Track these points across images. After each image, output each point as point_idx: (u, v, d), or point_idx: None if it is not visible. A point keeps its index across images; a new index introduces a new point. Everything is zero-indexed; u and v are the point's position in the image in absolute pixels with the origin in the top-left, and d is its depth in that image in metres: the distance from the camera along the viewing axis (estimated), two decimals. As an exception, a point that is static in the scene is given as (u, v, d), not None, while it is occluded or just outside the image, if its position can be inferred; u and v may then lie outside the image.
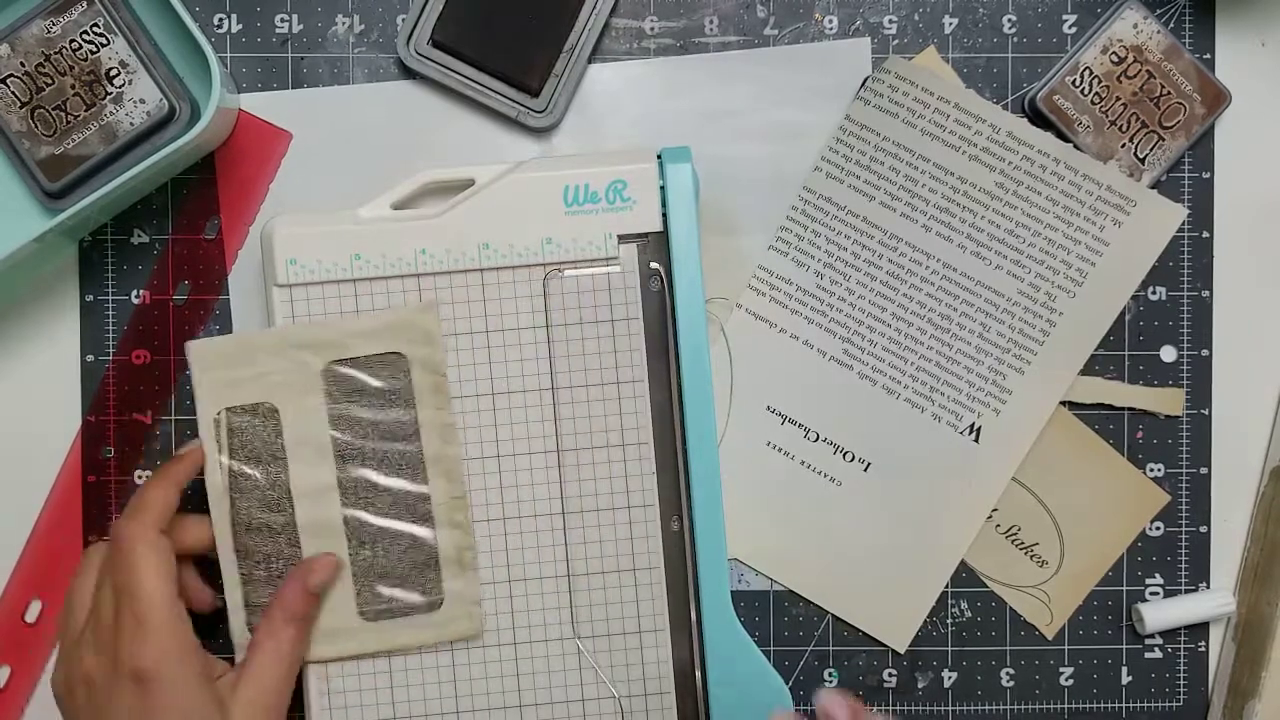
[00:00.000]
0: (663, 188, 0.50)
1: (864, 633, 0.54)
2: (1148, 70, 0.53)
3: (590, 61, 0.53)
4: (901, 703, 0.54)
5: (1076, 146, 0.53)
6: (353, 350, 0.48)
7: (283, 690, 0.47)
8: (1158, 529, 0.55)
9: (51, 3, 0.49)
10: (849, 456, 0.54)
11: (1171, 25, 0.54)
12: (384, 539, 0.49)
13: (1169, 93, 0.53)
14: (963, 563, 0.54)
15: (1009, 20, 0.54)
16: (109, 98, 0.50)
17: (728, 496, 0.52)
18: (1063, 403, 0.54)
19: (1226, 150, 0.54)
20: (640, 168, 0.50)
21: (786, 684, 0.52)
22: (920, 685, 0.54)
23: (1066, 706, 0.54)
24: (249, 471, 0.48)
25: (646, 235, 0.50)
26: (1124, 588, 0.55)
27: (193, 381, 0.48)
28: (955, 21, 0.54)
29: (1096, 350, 0.53)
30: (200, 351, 0.48)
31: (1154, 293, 0.54)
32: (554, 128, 0.54)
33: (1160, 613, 0.53)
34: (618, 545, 0.50)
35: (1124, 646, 0.55)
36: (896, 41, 0.54)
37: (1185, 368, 0.54)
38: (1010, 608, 0.54)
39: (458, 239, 0.50)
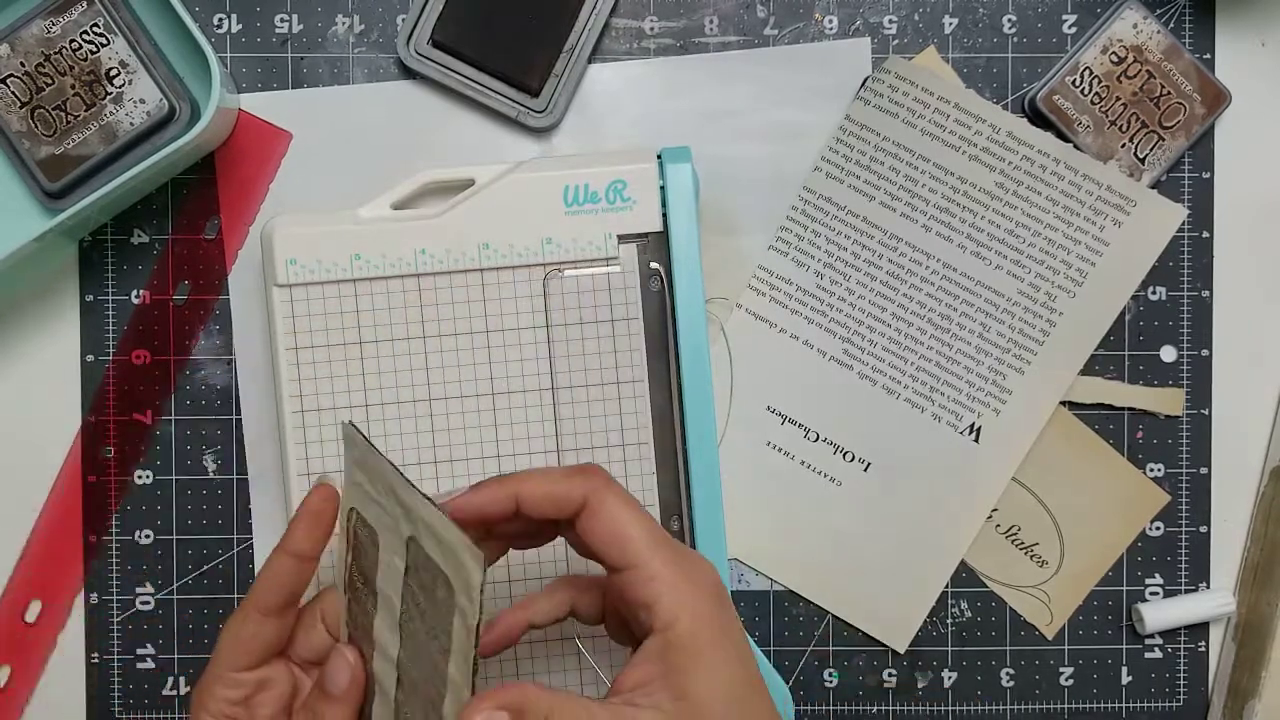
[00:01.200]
0: (663, 188, 0.50)
1: (864, 633, 0.54)
2: (1148, 70, 0.53)
3: (590, 61, 0.53)
4: (901, 703, 0.54)
5: (1076, 146, 0.53)
6: (423, 541, 0.38)
7: None
8: (1158, 529, 0.55)
9: (51, 3, 0.49)
10: (849, 456, 0.54)
11: (1171, 25, 0.54)
12: None
13: (1169, 93, 0.53)
14: (963, 563, 0.54)
15: (1009, 20, 0.54)
16: (109, 98, 0.50)
17: (728, 496, 0.52)
18: (1063, 403, 0.54)
19: (1226, 150, 0.54)
20: (640, 168, 0.50)
21: (786, 684, 0.52)
22: (920, 685, 0.54)
23: (1066, 706, 0.54)
24: (359, 585, 0.42)
25: (646, 235, 0.50)
26: (1124, 588, 0.55)
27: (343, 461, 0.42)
28: (955, 21, 0.54)
29: (1096, 350, 0.53)
30: (352, 435, 0.41)
31: (1154, 293, 0.54)
32: (554, 128, 0.54)
33: (1160, 613, 0.53)
34: (618, 545, 0.50)
35: (1124, 646, 0.55)
36: (896, 41, 0.54)
37: (1185, 368, 0.54)
38: (1010, 608, 0.54)
39: (458, 239, 0.50)
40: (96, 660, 0.54)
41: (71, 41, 0.50)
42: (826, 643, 0.54)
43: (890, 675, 0.54)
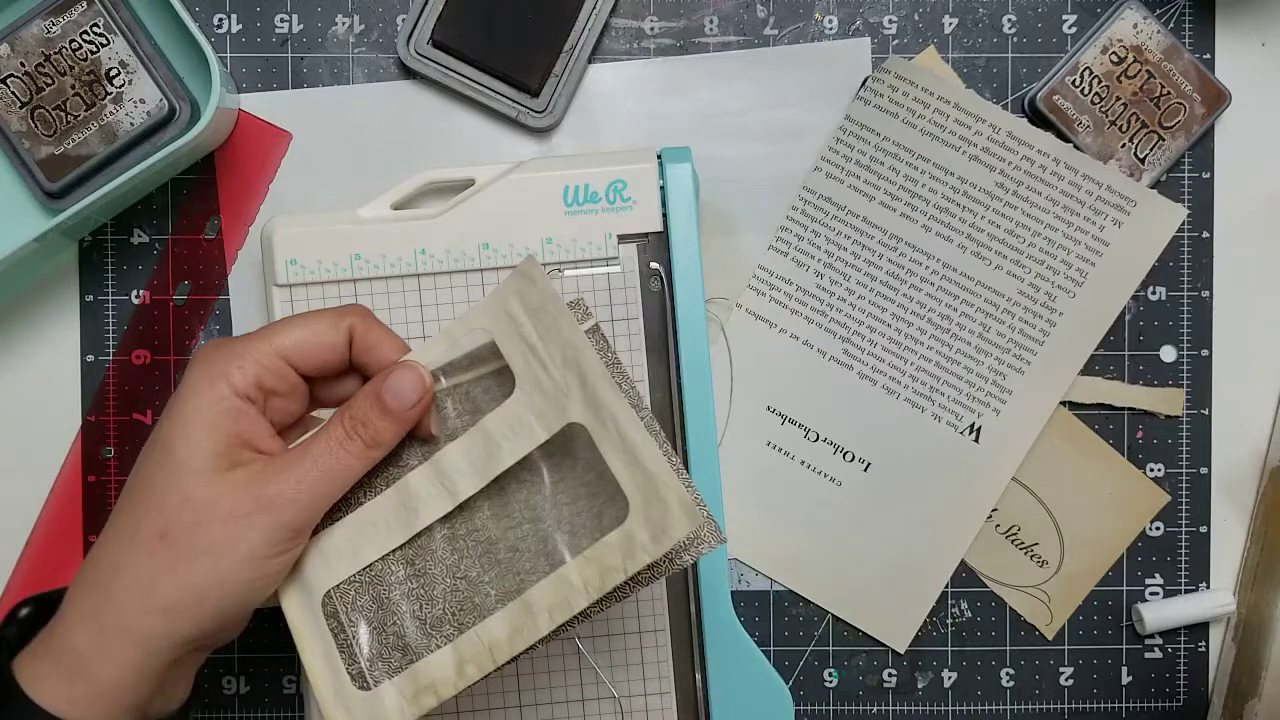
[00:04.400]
0: (663, 188, 0.50)
1: (864, 633, 0.54)
2: (1148, 70, 0.53)
3: (590, 61, 0.53)
4: (901, 703, 0.54)
5: (1076, 146, 0.53)
6: (605, 447, 0.38)
7: (314, 508, 0.38)
8: (1158, 529, 0.55)
9: (51, 3, 0.49)
10: (849, 456, 0.54)
11: (1171, 25, 0.54)
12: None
13: (1169, 93, 0.53)
14: (963, 563, 0.54)
15: (1009, 20, 0.54)
16: (109, 98, 0.50)
17: (728, 496, 0.52)
18: (1063, 403, 0.54)
19: (1226, 150, 0.54)
20: (640, 168, 0.50)
21: (786, 684, 0.52)
22: (920, 685, 0.54)
23: (1066, 706, 0.54)
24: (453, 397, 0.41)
25: (646, 235, 0.50)
26: (1124, 588, 0.55)
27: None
28: (955, 21, 0.54)
29: (1096, 350, 0.53)
30: (532, 273, 0.39)
31: (1154, 293, 0.54)
32: (554, 128, 0.54)
33: (1160, 613, 0.53)
34: (618, 545, 0.50)
35: (1124, 646, 0.55)
36: (896, 41, 0.54)
37: (1185, 368, 0.54)
38: (1010, 608, 0.54)
39: (458, 239, 0.50)
40: (96, 660, 0.54)
41: (71, 41, 0.50)
42: (826, 643, 0.54)
43: (890, 675, 0.54)
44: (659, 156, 0.50)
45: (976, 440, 0.53)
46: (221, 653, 0.53)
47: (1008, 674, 0.54)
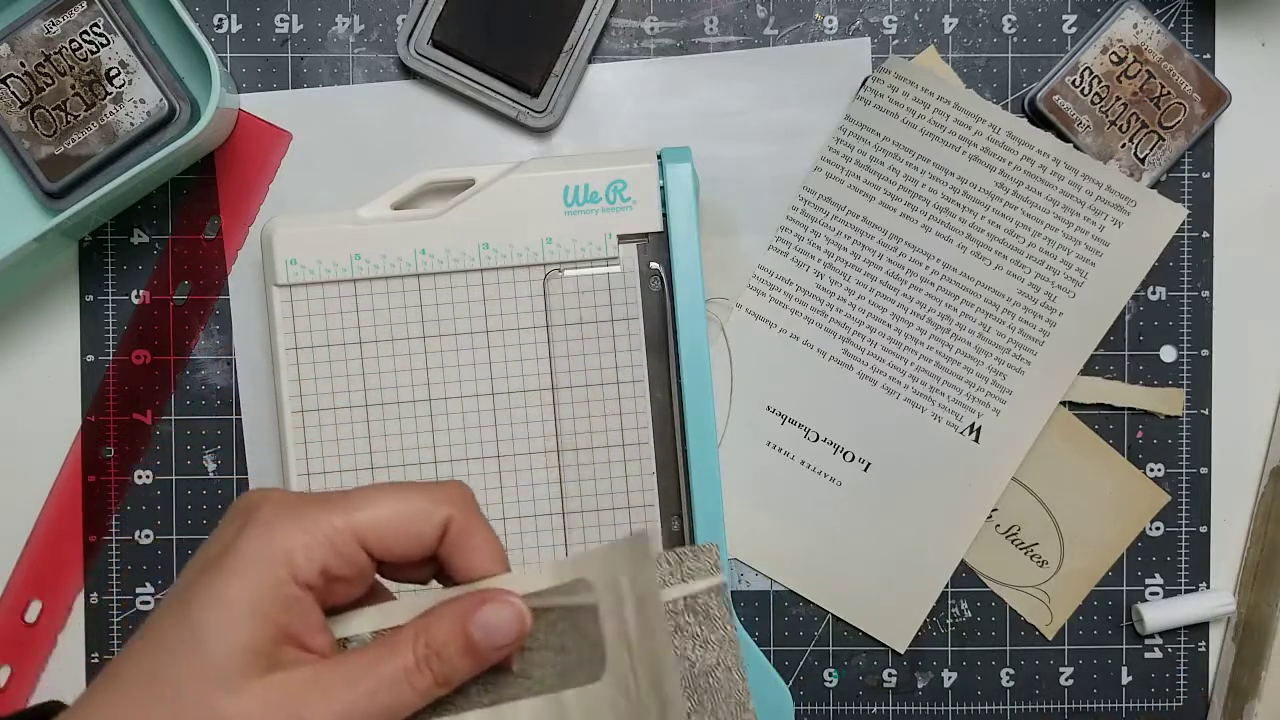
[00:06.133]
0: (663, 188, 0.50)
1: (864, 633, 0.54)
2: (1148, 70, 0.53)
3: (590, 61, 0.53)
4: (901, 703, 0.54)
5: (1076, 146, 0.53)
6: None
7: None
8: (1158, 529, 0.55)
9: (51, 3, 0.49)
10: (849, 456, 0.54)
11: (1171, 25, 0.54)
12: None
13: (1169, 93, 0.53)
14: (963, 563, 0.54)
15: (1009, 20, 0.54)
16: (109, 98, 0.50)
17: (728, 496, 0.52)
18: (1063, 403, 0.54)
19: (1226, 150, 0.54)
20: (640, 168, 0.50)
21: (786, 684, 0.52)
22: (920, 685, 0.54)
23: (1066, 706, 0.54)
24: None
25: (646, 235, 0.50)
26: (1124, 588, 0.55)
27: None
28: (955, 21, 0.54)
29: (1096, 350, 0.53)
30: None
31: (1154, 293, 0.54)
32: (554, 128, 0.54)
33: (1160, 613, 0.53)
34: (618, 545, 0.50)
35: (1124, 646, 0.55)
36: (896, 41, 0.54)
37: (1185, 368, 0.54)
38: (1010, 608, 0.54)
39: (458, 239, 0.50)
40: (96, 660, 0.54)
41: (71, 41, 0.50)
42: (826, 643, 0.54)
43: (890, 675, 0.54)
44: (659, 156, 0.50)
45: (976, 440, 0.53)
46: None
47: (1008, 674, 0.54)
